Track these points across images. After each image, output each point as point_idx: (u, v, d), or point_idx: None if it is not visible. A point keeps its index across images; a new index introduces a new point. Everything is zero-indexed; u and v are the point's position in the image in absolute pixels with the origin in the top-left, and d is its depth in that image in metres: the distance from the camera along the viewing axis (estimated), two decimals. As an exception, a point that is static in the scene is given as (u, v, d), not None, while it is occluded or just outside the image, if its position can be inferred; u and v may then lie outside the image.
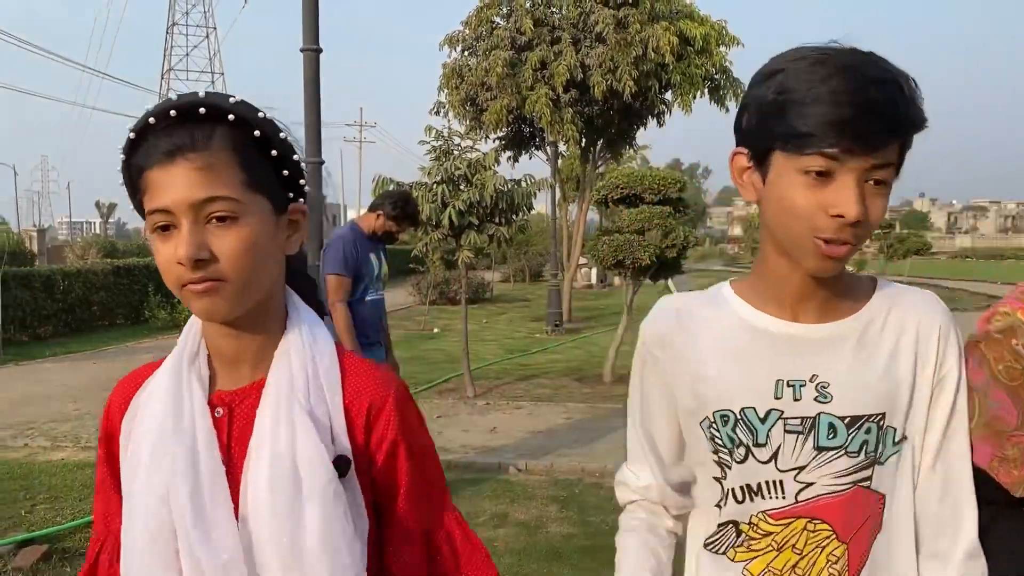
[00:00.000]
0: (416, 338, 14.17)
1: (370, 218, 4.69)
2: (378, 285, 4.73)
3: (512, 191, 8.43)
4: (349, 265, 4.48)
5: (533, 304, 21.33)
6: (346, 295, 4.49)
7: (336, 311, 4.46)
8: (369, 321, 4.64)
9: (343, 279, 4.48)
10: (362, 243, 4.59)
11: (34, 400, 8.56)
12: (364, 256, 4.58)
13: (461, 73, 15.48)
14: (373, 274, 4.63)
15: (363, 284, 4.59)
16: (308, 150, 4.79)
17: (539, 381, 9.59)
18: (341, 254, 4.47)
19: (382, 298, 4.79)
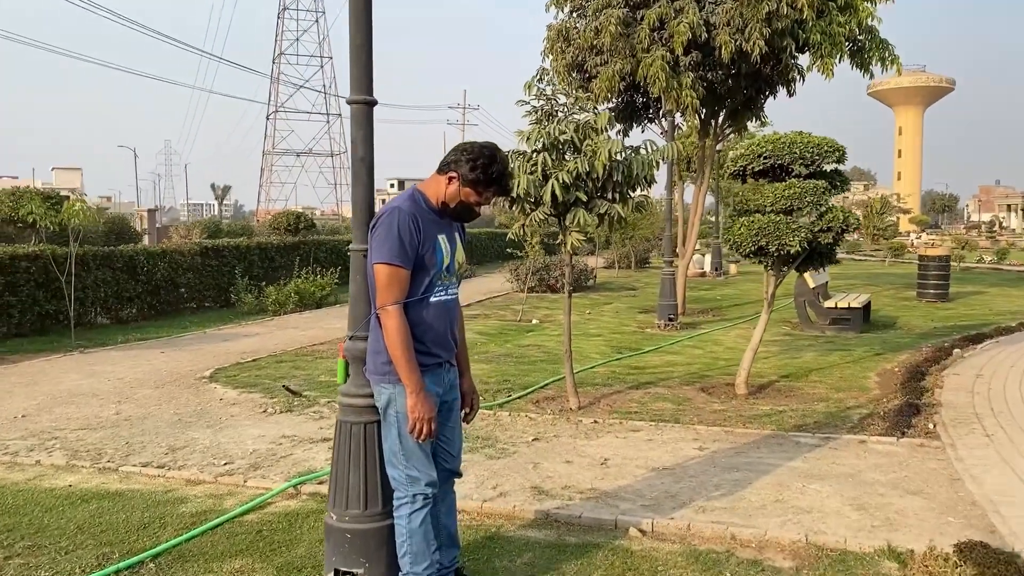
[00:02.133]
0: (512, 331, 12.75)
1: (438, 183, 3.22)
2: (450, 280, 3.28)
3: (630, 160, 6.85)
4: (406, 250, 3.05)
5: (641, 293, 19.62)
6: (402, 293, 3.07)
7: (387, 316, 3.05)
8: (435, 331, 3.20)
9: (398, 271, 3.05)
10: (426, 219, 3.14)
11: (77, 398, 7.53)
12: (429, 237, 3.13)
13: (568, 36, 13.89)
14: (442, 263, 3.18)
15: (427, 278, 3.15)
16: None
17: (656, 391, 8.00)
18: (395, 233, 3.03)
19: (455, 298, 3.34)
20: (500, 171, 3.20)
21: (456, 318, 3.36)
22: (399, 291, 3.06)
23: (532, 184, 6.66)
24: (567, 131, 6.83)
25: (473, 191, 3.18)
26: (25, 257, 11.81)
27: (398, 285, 3.06)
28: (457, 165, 3.16)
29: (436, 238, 3.16)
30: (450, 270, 3.24)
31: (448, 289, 3.26)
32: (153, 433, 6.26)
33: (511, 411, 6.99)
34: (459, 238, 3.35)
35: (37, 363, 9.52)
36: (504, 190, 3.34)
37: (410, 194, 3.21)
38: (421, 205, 3.17)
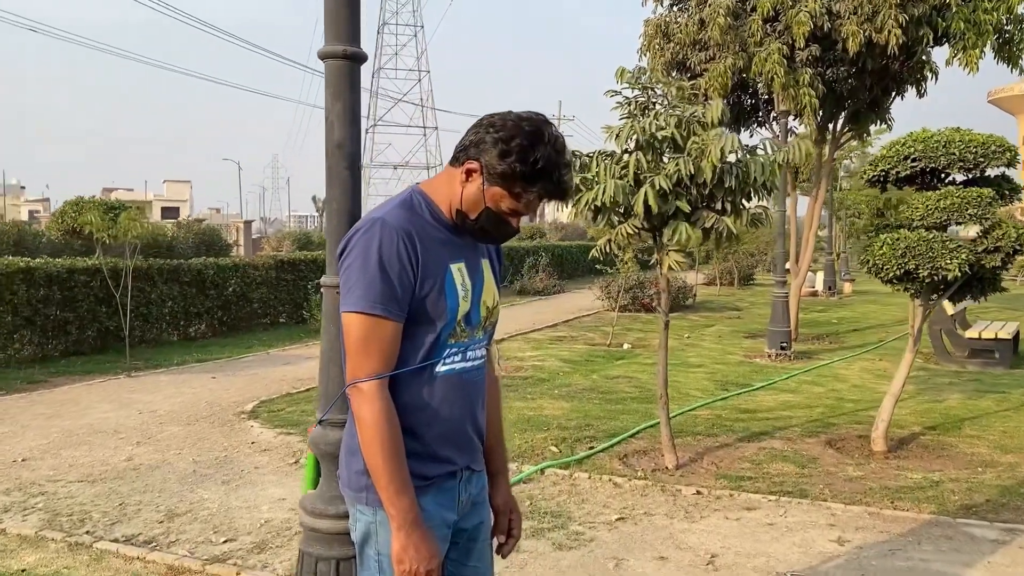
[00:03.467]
0: (600, 357, 11.38)
1: (451, 180, 1.93)
2: (473, 337, 1.99)
3: (746, 162, 5.47)
4: (395, 290, 1.81)
5: (746, 314, 17.91)
6: (384, 361, 1.83)
7: (361, 399, 1.83)
8: (445, 421, 1.93)
9: (379, 324, 1.81)
10: (429, 238, 1.89)
11: (94, 436, 6.58)
12: (434, 268, 1.88)
13: (667, 31, 12.51)
14: (455, 311, 1.91)
15: (431, 335, 1.89)
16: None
17: (773, 445, 6.53)
18: (376, 262, 1.80)
19: (480, 365, 2.04)
20: (552, 157, 1.86)
21: (483, 397, 2.09)
22: (380, 357, 1.82)
23: (621, 191, 5.35)
24: (667, 126, 5.49)
25: (506, 191, 1.87)
26: (84, 271, 11.15)
27: (379, 347, 1.82)
28: (479, 149, 1.87)
29: (447, 269, 1.90)
30: (472, 321, 1.96)
31: (469, 351, 1.98)
32: (158, 490, 5.20)
33: (592, 471, 5.67)
34: (490, 267, 2.08)
35: (76, 389, 8.71)
36: (559, 189, 1.91)
37: (405, 197, 1.95)
38: (422, 215, 1.91)
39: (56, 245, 18.31)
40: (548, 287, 22.71)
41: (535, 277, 22.99)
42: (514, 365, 10.29)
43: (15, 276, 10.26)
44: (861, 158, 47.95)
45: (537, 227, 37.37)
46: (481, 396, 2.07)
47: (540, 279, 22.89)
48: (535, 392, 8.53)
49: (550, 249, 27.25)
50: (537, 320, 15.75)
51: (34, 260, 10.86)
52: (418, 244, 1.85)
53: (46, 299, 10.74)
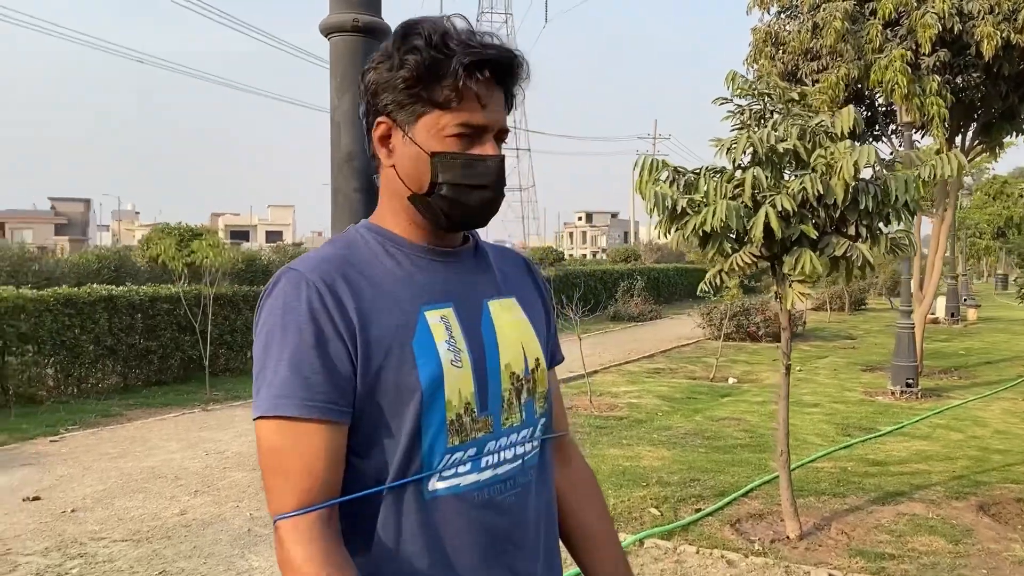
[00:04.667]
0: (703, 394, 10.44)
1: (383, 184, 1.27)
2: (500, 425, 1.23)
3: (887, 181, 4.59)
4: (313, 373, 1.11)
5: (861, 344, 16.59)
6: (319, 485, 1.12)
7: (280, 548, 1.10)
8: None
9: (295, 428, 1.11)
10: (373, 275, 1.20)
11: (152, 483, 6.12)
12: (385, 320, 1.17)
13: (777, 38, 11.57)
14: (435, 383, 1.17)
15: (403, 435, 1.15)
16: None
17: (913, 509, 5.55)
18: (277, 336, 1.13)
19: (522, 473, 1.26)
20: (435, 22, 1.19)
21: (538, 529, 1.30)
22: (308, 480, 1.11)
23: (734, 213, 4.54)
24: (789, 137, 4.67)
25: (431, 108, 1.18)
26: (167, 299, 10.93)
27: (301, 465, 1.11)
28: (373, 101, 1.22)
29: (418, 320, 1.18)
30: (486, 401, 1.22)
31: (489, 454, 1.22)
32: (205, 554, 4.64)
33: (699, 541, 4.83)
34: (523, 306, 1.33)
35: (147, 424, 8.35)
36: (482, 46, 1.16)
37: (337, 237, 1.30)
38: (362, 244, 1.24)
39: (156, 271, 18.53)
40: (644, 312, 21.77)
41: (630, 302, 22.07)
42: (607, 402, 9.49)
43: (98, 304, 10.09)
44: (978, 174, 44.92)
45: (632, 249, 36.37)
46: (531, 529, 1.28)
47: (635, 304, 21.97)
48: (631, 436, 7.71)
49: (645, 272, 26.31)
50: (632, 350, 14.88)
51: (117, 288, 10.70)
52: (351, 291, 1.15)
53: (129, 328, 10.55)
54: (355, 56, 1.45)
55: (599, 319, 21.18)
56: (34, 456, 6.90)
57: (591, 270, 25.33)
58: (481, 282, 1.28)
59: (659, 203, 4.88)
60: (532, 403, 1.28)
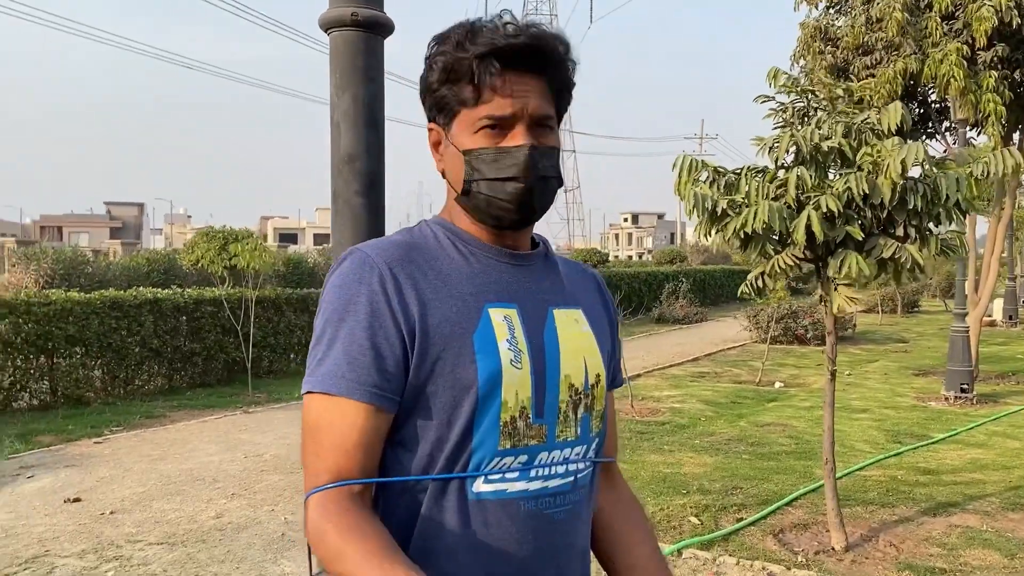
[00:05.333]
0: (748, 398, 10.23)
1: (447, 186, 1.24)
2: (555, 437, 1.17)
3: (935, 178, 4.40)
4: (377, 359, 1.10)
5: (913, 347, 16.15)
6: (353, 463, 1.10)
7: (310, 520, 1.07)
8: None
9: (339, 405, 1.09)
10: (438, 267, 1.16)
11: (190, 485, 6.14)
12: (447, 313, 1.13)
13: (827, 34, 11.30)
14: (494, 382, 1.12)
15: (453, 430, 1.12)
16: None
17: (967, 520, 5.33)
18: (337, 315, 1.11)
19: (571, 491, 1.20)
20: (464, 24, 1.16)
21: (581, 549, 1.25)
22: (341, 451, 1.09)
23: (777, 214, 4.39)
24: (834, 135, 4.51)
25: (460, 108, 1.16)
26: (211, 302, 11.05)
27: (342, 441, 1.09)
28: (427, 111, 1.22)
29: (481, 315, 1.14)
30: (543, 408, 1.16)
31: (541, 465, 1.16)
32: (238, 558, 4.62)
33: (740, 552, 4.69)
34: (589, 319, 1.27)
35: (189, 426, 8.42)
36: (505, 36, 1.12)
37: (407, 228, 1.25)
38: (431, 240, 1.20)
39: (203, 274, 18.82)
40: (689, 315, 21.48)
41: (675, 304, 21.80)
42: (649, 407, 9.34)
43: (143, 307, 10.23)
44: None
45: (677, 251, 35.98)
46: (573, 548, 1.22)
47: (680, 306, 21.69)
48: (673, 442, 7.55)
49: (691, 274, 25.99)
50: (677, 353, 14.67)
51: (162, 291, 10.84)
52: (415, 279, 1.13)
53: (174, 330, 10.68)
54: (355, 52, 1.38)
55: (643, 321, 20.96)
56: (78, 457, 6.99)
57: (635, 272, 25.09)
58: (548, 289, 1.24)
59: (699, 204, 4.75)
60: (589, 419, 1.23)
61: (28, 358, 9.23)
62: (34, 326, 9.11)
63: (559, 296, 1.24)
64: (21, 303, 9.13)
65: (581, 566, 1.26)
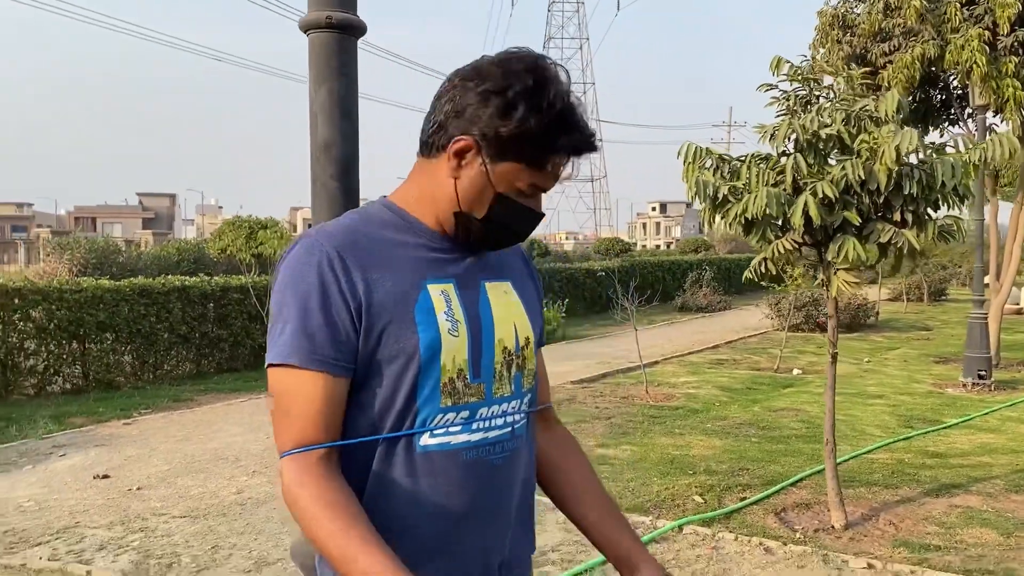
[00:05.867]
0: (765, 384, 10.31)
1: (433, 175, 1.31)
2: (492, 394, 1.33)
3: (931, 163, 4.49)
4: (327, 331, 1.23)
5: (936, 335, 16.08)
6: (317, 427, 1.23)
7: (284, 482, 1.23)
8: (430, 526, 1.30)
9: (299, 376, 1.22)
10: (384, 246, 1.30)
11: (213, 464, 6.39)
12: (390, 288, 1.27)
13: (845, 20, 11.30)
14: (433, 349, 1.27)
15: (399, 391, 1.26)
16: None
17: (968, 501, 5.41)
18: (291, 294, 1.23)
19: (510, 439, 1.36)
20: (567, 94, 1.27)
21: (522, 490, 1.42)
22: (307, 422, 1.23)
23: (775, 200, 4.51)
24: (833, 122, 4.61)
25: (522, 162, 1.27)
26: (237, 289, 11.34)
27: (303, 410, 1.23)
28: (465, 118, 1.26)
29: (420, 290, 1.29)
30: (480, 370, 1.32)
31: (480, 420, 1.33)
32: (256, 531, 4.84)
33: (739, 530, 4.82)
34: (517, 289, 1.44)
35: (215, 409, 8.69)
36: (587, 137, 1.30)
37: (357, 209, 1.39)
38: (381, 221, 1.33)
39: (232, 262, 19.19)
40: (712, 303, 21.49)
41: (698, 292, 21.81)
42: (664, 392, 9.46)
43: (171, 294, 10.53)
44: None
45: (702, 239, 35.89)
46: (513, 489, 1.40)
47: (704, 295, 21.70)
48: (684, 426, 7.68)
49: (716, 262, 25.96)
50: (696, 340, 14.74)
51: (190, 279, 11.14)
52: (360, 259, 1.26)
53: (201, 317, 10.97)
54: (330, 51, 1.54)
55: (666, 309, 21.01)
56: (107, 437, 7.28)
57: (658, 260, 25.12)
58: (480, 265, 1.38)
59: (700, 191, 4.88)
60: (521, 377, 1.39)
61: (61, 343, 9.55)
62: (66, 312, 9.43)
63: (489, 271, 1.39)
64: (54, 290, 9.45)
65: (522, 497, 1.42)
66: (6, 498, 5.53)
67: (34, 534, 4.82)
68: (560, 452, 1.55)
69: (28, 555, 4.47)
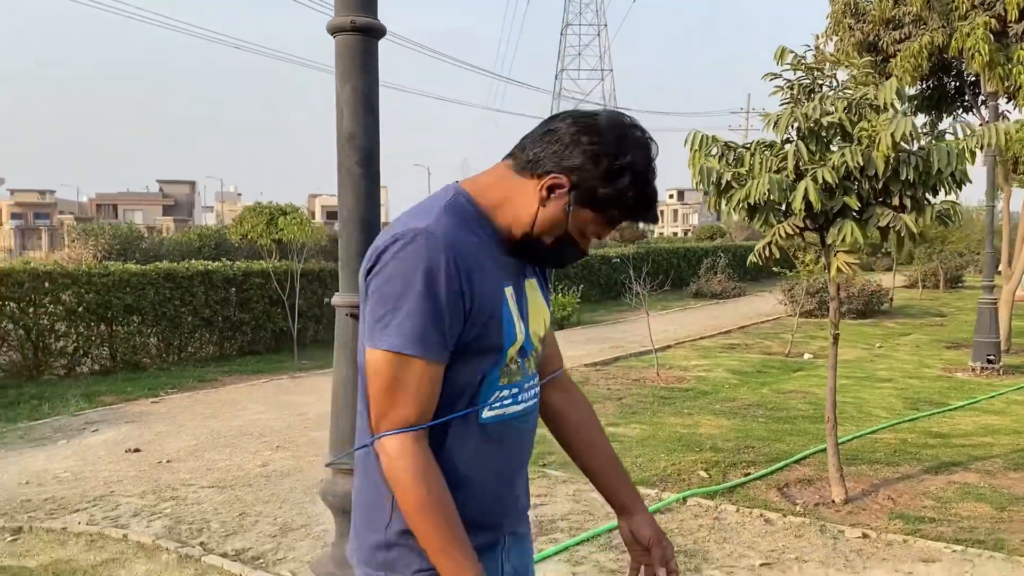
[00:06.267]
0: (775, 368, 10.49)
1: (523, 192, 1.48)
2: (525, 372, 1.56)
3: (928, 150, 4.65)
4: (443, 326, 1.38)
5: (950, 322, 16.17)
6: (420, 408, 1.40)
7: (396, 454, 1.40)
8: (483, 486, 1.52)
9: (420, 366, 1.38)
10: (482, 256, 1.45)
11: (239, 439, 6.66)
12: (489, 293, 1.45)
13: (857, 8, 11.40)
14: (512, 343, 1.49)
15: (479, 374, 1.47)
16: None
17: (967, 479, 5.59)
18: (421, 289, 1.36)
19: (533, 407, 1.61)
20: (654, 177, 1.50)
21: (531, 446, 1.66)
22: (416, 405, 1.41)
23: (777, 186, 4.70)
24: (835, 110, 4.78)
25: (600, 217, 1.49)
26: (259, 274, 11.61)
27: (415, 394, 1.40)
28: (570, 162, 1.44)
29: (502, 294, 1.49)
30: (526, 355, 1.56)
31: (522, 392, 1.56)
32: (280, 500, 5.11)
33: (742, 503, 5.03)
34: (540, 286, 1.65)
35: (239, 389, 8.99)
36: (654, 211, 1.53)
37: (450, 200, 1.49)
38: (472, 225, 1.48)
39: (252, 248, 19.50)
40: (727, 290, 21.62)
41: (712, 279, 21.94)
42: (675, 375, 9.66)
43: (195, 279, 10.82)
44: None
45: (717, 227, 35.92)
46: (530, 445, 1.66)
47: (718, 281, 21.82)
48: (693, 407, 7.89)
49: (731, 249, 26.03)
50: (709, 326, 14.92)
51: (213, 264, 11.43)
52: (468, 263, 1.42)
53: (224, 301, 11.27)
54: (354, 52, 1.75)
55: (681, 296, 21.17)
56: (137, 415, 7.58)
57: (674, 247, 25.24)
58: (518, 265, 1.58)
59: (704, 177, 5.07)
60: (538, 358, 1.65)
61: (89, 326, 9.87)
62: (95, 296, 9.74)
63: (523, 269, 1.58)
64: (83, 274, 9.76)
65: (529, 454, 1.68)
66: (44, 469, 5.83)
67: (72, 502, 5.10)
68: (575, 412, 1.78)
69: (68, 520, 4.76)
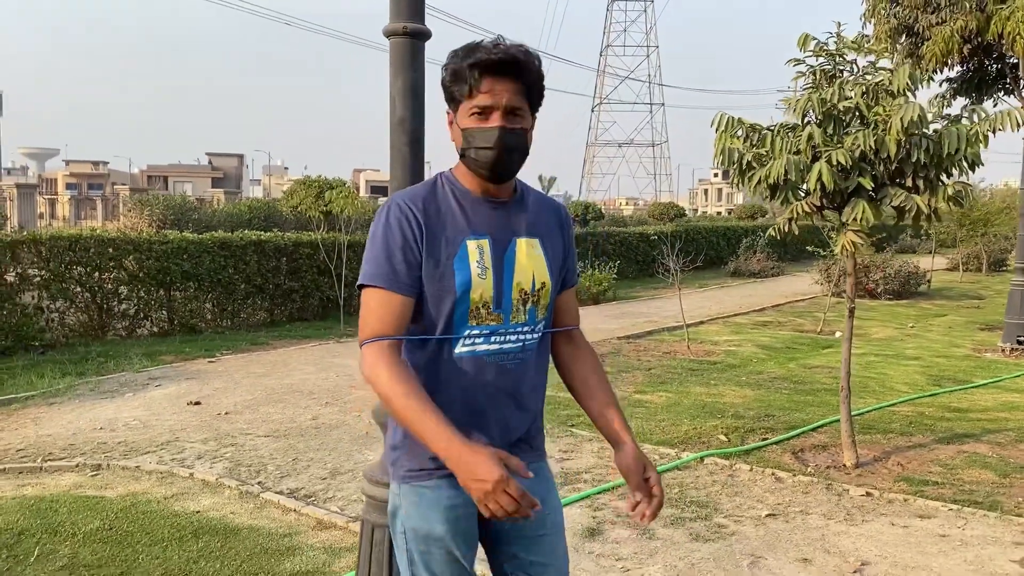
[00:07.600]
0: (804, 345, 10.74)
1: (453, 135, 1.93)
2: (509, 321, 1.90)
3: (940, 135, 4.92)
4: (393, 266, 1.81)
5: (987, 305, 16.18)
6: (385, 323, 1.81)
7: (364, 359, 1.81)
8: (463, 406, 1.88)
9: (379, 294, 1.81)
10: (443, 212, 1.87)
11: (290, 396, 7.17)
12: (442, 242, 1.84)
13: (894, -9, 11.45)
14: (466, 286, 1.83)
15: (443, 312, 1.85)
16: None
17: (976, 449, 5.86)
18: (379, 241, 1.83)
19: (519, 351, 1.92)
20: (469, 45, 1.83)
21: (527, 386, 1.96)
22: (383, 324, 1.79)
23: (794, 167, 5.00)
24: (852, 95, 5.06)
25: (459, 101, 1.84)
26: (308, 244, 12.14)
27: (380, 315, 1.80)
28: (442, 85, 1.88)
29: (462, 244, 1.84)
30: (501, 304, 1.87)
31: (497, 335, 1.88)
32: (330, 448, 5.59)
33: (755, 464, 5.38)
34: (543, 246, 1.94)
35: (289, 351, 9.53)
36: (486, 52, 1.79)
37: (429, 179, 1.95)
38: (440, 189, 1.89)
39: (301, 219, 20.12)
40: (765, 269, 21.73)
41: (751, 258, 22.06)
42: (705, 349, 9.98)
43: (248, 248, 11.38)
44: None
45: (758, 206, 35.81)
46: (522, 385, 1.94)
47: (756, 260, 21.94)
48: (720, 379, 8.22)
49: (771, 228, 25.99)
50: (744, 304, 15.15)
51: (265, 234, 11.98)
52: (426, 217, 1.82)
53: (275, 269, 11.82)
54: (405, 52, 2.14)
55: (719, 274, 21.35)
56: (195, 372, 8.14)
57: (713, 226, 25.35)
58: (515, 224, 1.93)
59: (727, 157, 5.39)
60: (535, 310, 1.94)
61: (149, 290, 10.49)
62: (154, 262, 10.34)
63: (524, 229, 1.91)
64: (143, 242, 10.37)
65: (532, 394, 1.99)
66: (115, 418, 6.39)
67: (142, 446, 5.64)
68: (579, 362, 2.09)
69: (140, 460, 5.29)
